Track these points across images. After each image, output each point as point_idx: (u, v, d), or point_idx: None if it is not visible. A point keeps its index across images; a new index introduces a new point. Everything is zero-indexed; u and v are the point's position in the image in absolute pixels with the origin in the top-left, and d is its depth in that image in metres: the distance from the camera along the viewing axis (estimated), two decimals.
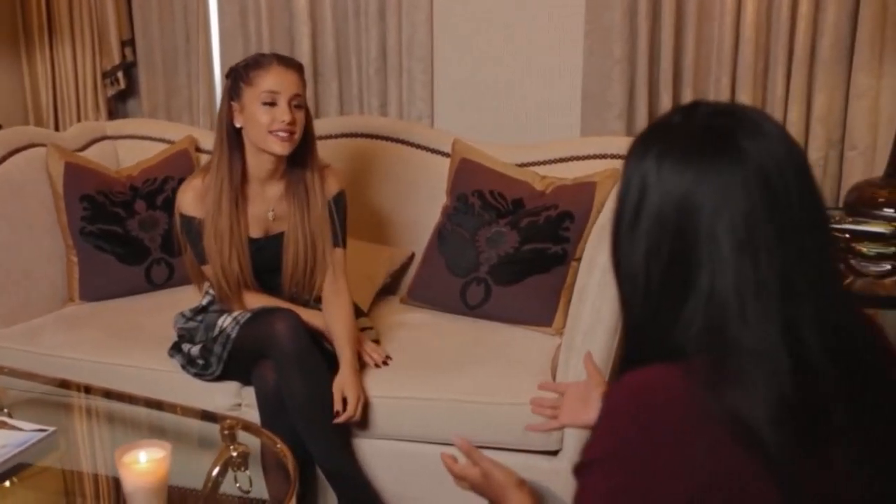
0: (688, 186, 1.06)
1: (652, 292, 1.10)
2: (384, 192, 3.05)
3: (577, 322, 2.26)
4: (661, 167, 1.08)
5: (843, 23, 2.85)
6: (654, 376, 1.06)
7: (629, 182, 1.12)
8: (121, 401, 2.31)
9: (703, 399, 1.01)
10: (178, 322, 2.61)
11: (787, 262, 1.05)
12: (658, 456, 1.01)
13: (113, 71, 3.79)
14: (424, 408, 2.34)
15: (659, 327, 1.09)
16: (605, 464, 1.06)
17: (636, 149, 1.14)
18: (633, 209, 1.11)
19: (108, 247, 2.91)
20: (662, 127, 1.14)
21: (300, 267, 2.51)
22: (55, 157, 2.92)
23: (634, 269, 1.11)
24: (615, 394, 1.09)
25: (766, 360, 1.02)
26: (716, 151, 1.07)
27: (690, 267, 1.06)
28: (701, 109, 1.13)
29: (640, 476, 1.03)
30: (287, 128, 2.38)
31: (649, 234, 1.09)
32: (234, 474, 2.00)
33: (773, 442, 1.00)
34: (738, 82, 2.98)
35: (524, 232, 2.65)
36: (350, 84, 3.49)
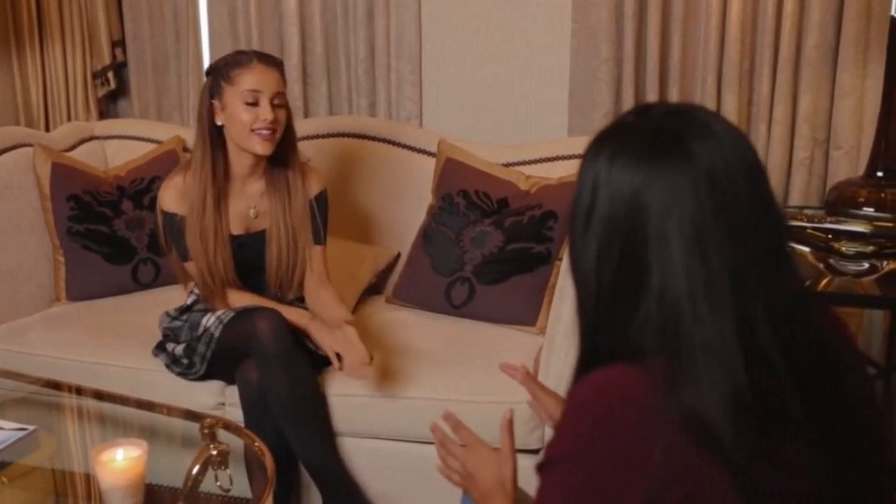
0: (637, 187, 1.07)
1: (604, 293, 1.10)
2: (371, 191, 3.05)
3: (557, 322, 2.27)
4: (613, 167, 1.09)
5: (828, 23, 2.85)
6: (613, 376, 1.06)
7: (583, 182, 1.12)
8: (105, 400, 2.32)
9: (659, 398, 1.02)
10: (162, 321, 2.62)
11: (737, 261, 1.05)
12: (616, 455, 1.02)
13: (103, 71, 3.79)
14: (409, 407, 2.35)
15: (613, 328, 1.10)
16: (566, 462, 1.06)
17: (591, 149, 1.14)
18: (586, 210, 1.11)
19: (94, 246, 2.92)
20: (616, 127, 1.14)
21: (283, 263, 2.52)
22: (42, 157, 2.93)
23: (587, 270, 1.12)
24: (577, 393, 1.09)
25: (720, 358, 1.03)
26: (665, 152, 1.07)
27: (641, 267, 1.07)
28: (654, 110, 1.13)
29: (599, 475, 1.03)
30: (269, 126, 2.39)
31: (600, 234, 1.10)
32: (215, 473, 2.00)
33: (729, 439, 1.01)
34: (724, 82, 2.98)
35: (508, 231, 2.66)
36: (339, 84, 3.49)
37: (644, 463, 1.00)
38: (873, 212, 2.49)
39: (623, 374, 1.06)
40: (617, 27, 3.05)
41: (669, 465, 1.00)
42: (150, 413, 2.25)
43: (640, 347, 1.06)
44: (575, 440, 1.06)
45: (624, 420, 1.03)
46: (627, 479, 1.01)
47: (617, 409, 1.04)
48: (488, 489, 1.46)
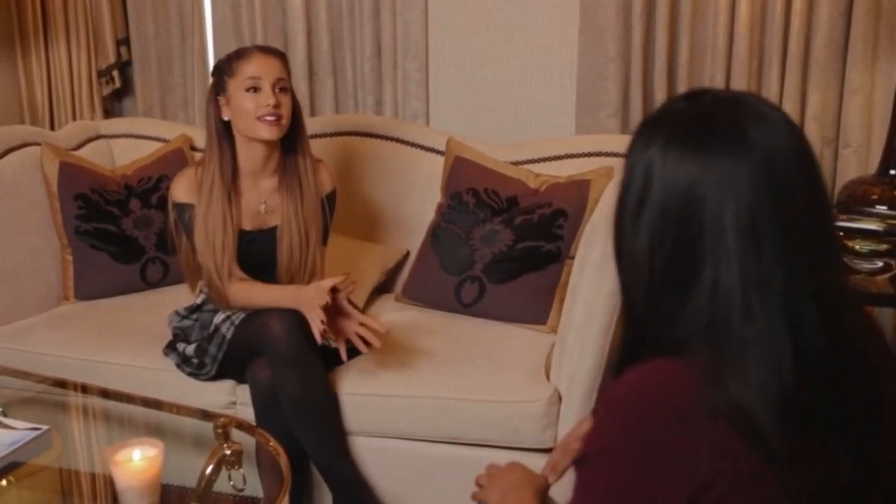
0: (693, 176, 1.04)
1: (654, 284, 1.08)
2: (378, 190, 3.05)
3: (569, 320, 2.27)
4: (666, 156, 1.06)
5: (837, 20, 2.84)
6: (655, 370, 1.05)
7: (633, 170, 1.10)
8: (115, 399, 2.32)
9: (705, 393, 1.01)
10: (172, 321, 2.61)
11: (790, 255, 1.03)
12: (659, 450, 1.01)
13: (108, 70, 3.79)
14: (419, 406, 2.34)
15: (660, 319, 1.08)
16: (604, 458, 1.05)
17: (640, 136, 1.11)
18: (637, 198, 1.09)
19: (102, 245, 2.91)
20: (667, 114, 1.12)
21: (295, 259, 2.51)
22: (49, 156, 2.92)
23: (637, 259, 1.10)
24: (617, 388, 1.08)
25: (770, 354, 1.01)
26: (721, 141, 1.05)
27: (694, 259, 1.05)
28: (706, 97, 1.11)
29: (640, 471, 1.02)
30: (273, 111, 2.39)
31: (653, 224, 1.07)
32: (228, 472, 1.99)
33: (774, 435, 1.00)
34: (733, 80, 2.97)
35: (518, 230, 2.65)
36: (345, 82, 3.49)
37: (689, 458, 0.99)
38: (887, 210, 2.49)
39: (666, 369, 1.05)
40: (625, 26, 3.04)
41: (715, 460, 0.99)
42: (161, 412, 2.25)
43: (685, 339, 1.05)
44: (616, 435, 1.05)
45: (667, 416, 1.02)
46: (671, 474, 1.00)
47: (660, 404, 1.03)
48: (514, 481, 1.45)
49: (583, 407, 2.23)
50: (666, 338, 1.07)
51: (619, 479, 1.03)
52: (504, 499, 1.42)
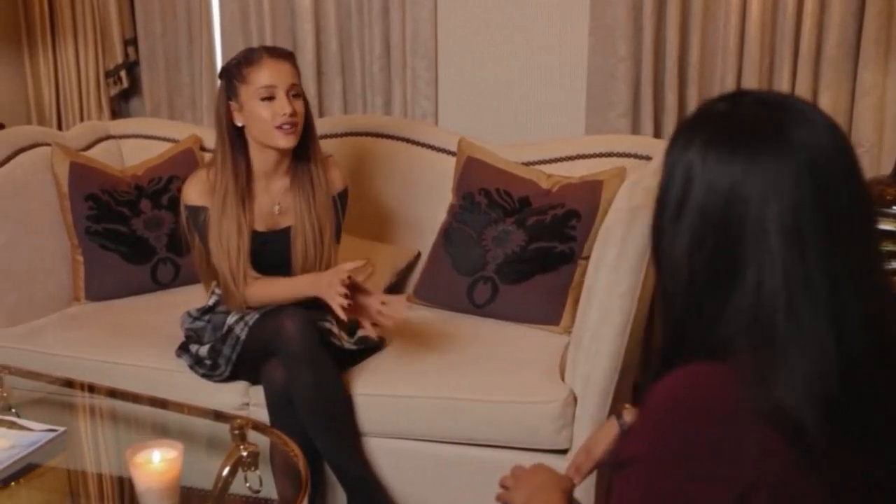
0: (735, 178, 1.04)
1: (696, 286, 1.08)
2: (389, 190, 3.04)
3: (584, 321, 2.26)
4: (707, 157, 1.06)
5: (849, 21, 2.84)
6: (695, 374, 1.04)
7: (672, 172, 1.09)
8: (127, 400, 2.31)
9: (747, 395, 1.00)
10: (184, 322, 2.61)
11: (834, 256, 1.03)
12: (699, 455, 1.00)
13: (116, 70, 3.78)
14: (434, 406, 2.34)
15: (702, 322, 1.07)
16: (644, 464, 1.04)
17: (679, 138, 1.11)
18: (677, 200, 1.08)
19: (113, 246, 2.91)
20: (707, 116, 1.11)
21: (310, 258, 2.50)
22: (60, 156, 2.92)
23: (677, 262, 1.09)
24: (656, 393, 1.07)
25: (814, 356, 1.01)
26: (764, 142, 1.04)
27: (737, 261, 1.04)
28: (747, 98, 1.10)
29: (679, 477, 1.01)
30: (290, 119, 2.39)
31: (694, 226, 1.07)
32: (245, 474, 1.99)
33: (818, 436, 0.99)
34: (744, 81, 2.97)
35: (531, 231, 2.65)
36: (353, 82, 3.48)
37: (732, 461, 0.99)
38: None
39: (706, 372, 1.04)
40: (635, 25, 3.03)
41: (759, 462, 0.98)
42: (176, 414, 2.24)
43: (727, 342, 1.04)
44: (655, 441, 1.04)
45: (708, 419, 1.01)
46: (713, 478, 0.99)
47: (700, 407, 1.02)
48: (541, 483, 1.44)
49: (598, 408, 2.22)
50: (706, 340, 1.06)
51: (657, 486, 1.02)
52: (531, 500, 1.42)
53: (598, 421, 2.23)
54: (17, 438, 1.98)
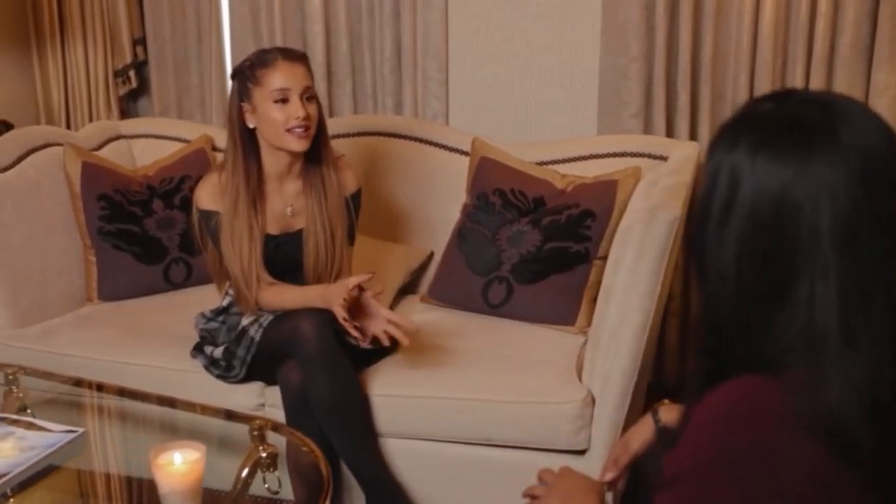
0: (786, 181, 1.00)
1: (744, 295, 1.04)
2: (401, 190, 3.04)
3: (602, 322, 2.26)
4: (756, 160, 1.02)
5: (863, 21, 2.82)
6: (746, 389, 1.01)
7: (716, 175, 1.06)
8: (142, 401, 2.30)
9: (799, 410, 0.97)
10: (198, 323, 2.60)
11: (889, 263, 0.99)
12: (752, 473, 0.97)
13: (125, 70, 3.77)
14: (451, 407, 2.34)
15: (750, 334, 1.03)
16: (693, 481, 1.02)
17: (722, 139, 1.07)
18: (723, 204, 1.04)
19: (125, 246, 2.91)
20: (753, 116, 1.07)
21: (322, 260, 2.50)
22: (72, 156, 2.91)
23: (724, 269, 1.05)
24: (705, 408, 1.03)
25: (867, 367, 0.98)
26: (814, 143, 1.01)
27: (788, 270, 1.00)
28: (795, 97, 1.07)
29: (732, 495, 0.99)
30: (303, 123, 2.38)
31: (742, 232, 1.03)
32: (263, 475, 1.98)
33: (872, 451, 0.97)
34: (757, 80, 2.96)
35: (546, 231, 2.64)
36: (364, 83, 3.47)
37: (784, 479, 0.97)
38: None
39: (755, 387, 1.01)
40: (647, 25, 3.02)
41: (811, 479, 0.96)
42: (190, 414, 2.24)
43: (776, 355, 1.01)
44: (702, 458, 1.01)
45: (759, 437, 0.98)
46: (763, 492, 0.97)
47: (750, 422, 0.99)
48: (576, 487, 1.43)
49: (617, 409, 2.22)
50: (754, 353, 1.03)
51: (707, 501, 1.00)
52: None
53: (616, 422, 2.23)
54: (36, 439, 1.96)
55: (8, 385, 2.26)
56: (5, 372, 2.27)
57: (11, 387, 2.25)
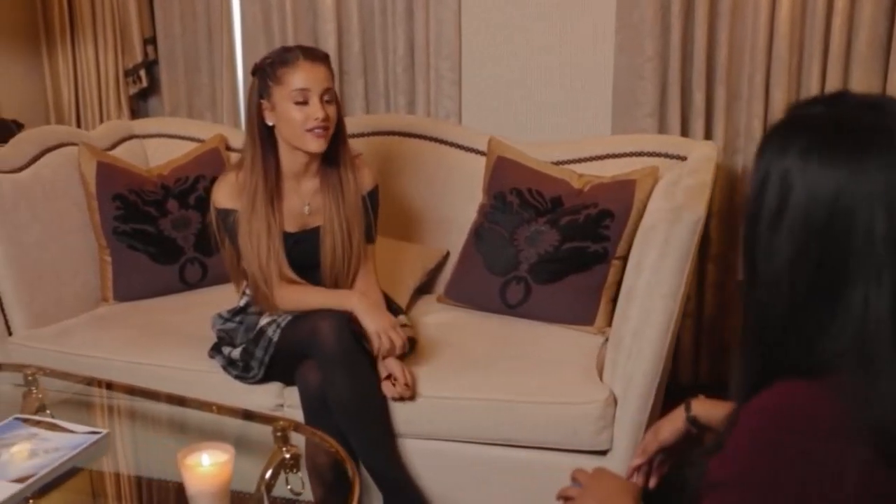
0: (839, 185, 0.99)
1: (796, 300, 1.03)
2: (416, 190, 3.03)
3: (624, 322, 2.25)
4: (808, 163, 1.02)
5: (880, 19, 2.82)
6: (795, 395, 1.01)
7: (766, 179, 1.05)
8: (161, 402, 2.29)
9: (849, 416, 0.96)
10: (216, 323, 2.60)
11: None
12: (801, 478, 0.97)
13: (135, 69, 3.76)
14: (471, 408, 2.33)
15: (801, 339, 1.03)
16: (741, 487, 1.01)
17: (772, 143, 1.07)
18: (774, 208, 1.04)
19: (141, 246, 2.90)
20: (803, 119, 1.07)
21: (339, 258, 2.50)
22: (87, 156, 2.90)
23: (776, 274, 1.04)
24: (753, 413, 1.03)
25: None
26: (868, 146, 1.00)
27: (842, 275, 1.00)
28: (846, 100, 1.06)
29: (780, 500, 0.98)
30: (322, 124, 2.37)
31: (795, 235, 1.02)
32: (286, 476, 1.97)
33: None
34: (773, 79, 2.96)
35: (564, 230, 2.64)
36: (376, 82, 3.46)
37: (833, 484, 0.96)
38: None
39: (805, 393, 1.00)
40: (662, 24, 3.02)
41: (860, 484, 0.96)
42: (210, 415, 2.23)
43: (827, 361, 1.00)
44: (754, 462, 1.01)
45: (807, 438, 0.98)
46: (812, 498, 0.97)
47: (799, 428, 0.99)
48: (613, 489, 1.43)
49: (640, 409, 2.22)
50: (804, 358, 1.02)
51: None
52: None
53: (639, 422, 2.22)
54: (60, 441, 1.95)
55: (27, 386, 2.25)
56: (24, 373, 2.26)
57: (31, 387, 2.24)
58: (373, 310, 2.35)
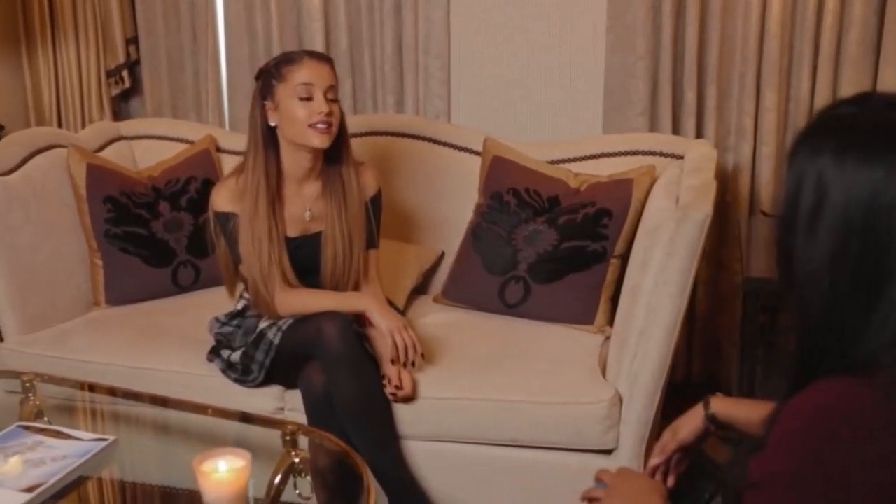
0: (876, 183, 1.01)
1: (837, 298, 1.05)
2: (410, 190, 3.01)
3: (629, 321, 2.26)
4: (843, 163, 1.03)
5: (870, 18, 2.85)
6: (838, 390, 1.01)
7: (801, 179, 1.07)
8: (160, 406, 2.27)
9: (894, 414, 0.97)
10: (213, 327, 2.57)
11: None
12: (846, 475, 0.98)
13: (117, 69, 3.71)
14: (475, 408, 2.32)
15: (842, 336, 1.04)
16: (785, 485, 1.02)
17: (804, 145, 1.08)
18: (811, 209, 1.06)
19: (133, 249, 2.86)
20: (835, 120, 1.08)
21: (339, 264, 2.48)
22: (77, 158, 2.86)
23: (816, 273, 1.06)
24: (795, 410, 1.04)
25: None
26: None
27: (881, 270, 1.01)
28: (875, 100, 1.08)
29: (824, 498, 0.99)
30: (326, 119, 2.36)
31: (835, 235, 1.04)
32: (294, 481, 1.96)
33: None
34: (763, 78, 2.98)
35: (563, 230, 2.64)
36: (364, 82, 3.44)
37: (879, 481, 0.96)
38: None
39: (849, 390, 1.01)
40: (654, 24, 3.03)
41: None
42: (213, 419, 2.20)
43: (869, 356, 1.01)
44: (797, 460, 1.01)
45: (853, 439, 0.98)
46: (857, 496, 0.97)
47: (844, 425, 0.99)
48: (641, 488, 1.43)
49: (646, 408, 2.22)
50: (846, 355, 1.03)
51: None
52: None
53: (645, 421, 2.23)
54: (67, 448, 1.93)
55: (25, 392, 2.21)
56: (22, 379, 2.22)
57: (28, 394, 2.21)
58: (385, 310, 2.37)
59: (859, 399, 1.00)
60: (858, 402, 1.00)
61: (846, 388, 1.01)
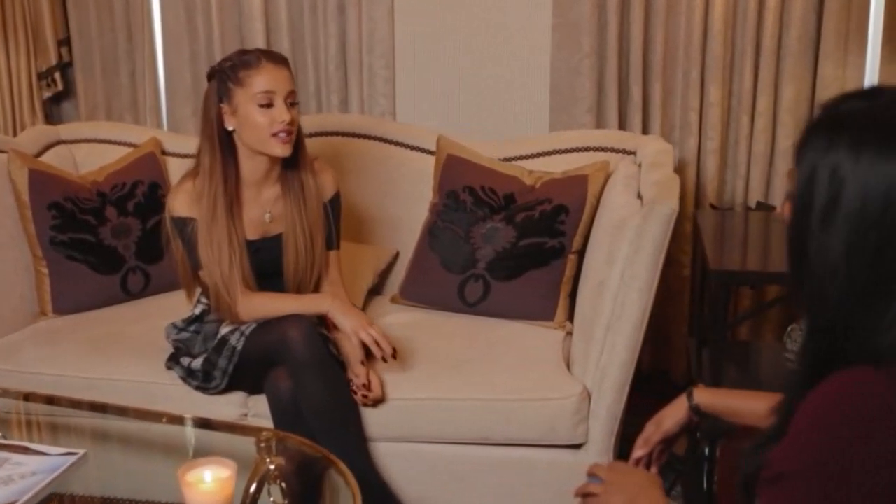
0: (893, 177, 1.02)
1: (855, 291, 1.06)
2: (363, 190, 2.99)
3: (596, 315, 2.28)
4: (859, 157, 1.04)
5: (810, 16, 2.94)
6: (860, 382, 1.02)
7: (814, 174, 1.07)
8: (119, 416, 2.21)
9: None
10: (170, 333, 2.51)
11: None
12: (869, 469, 0.98)
13: (49, 72, 3.61)
14: (445, 408, 2.32)
15: (861, 328, 1.05)
16: (800, 480, 1.02)
17: (815, 140, 1.09)
18: (826, 204, 1.06)
19: (80, 256, 2.77)
20: (847, 115, 1.09)
21: (302, 263, 2.45)
22: (18, 163, 2.76)
23: (831, 267, 1.06)
24: (814, 403, 1.04)
25: None
26: None
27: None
28: (885, 95, 1.09)
29: (842, 494, 0.99)
30: (287, 128, 2.33)
31: (851, 229, 1.05)
32: (268, 488, 1.93)
33: None
34: (707, 75, 3.04)
35: (520, 227, 2.65)
36: (307, 82, 3.41)
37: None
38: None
39: (866, 381, 1.02)
40: (599, 22, 3.07)
41: None
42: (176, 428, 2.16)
43: (888, 346, 1.02)
44: (813, 455, 1.02)
45: (874, 432, 0.99)
46: (882, 493, 0.98)
47: (864, 420, 1.00)
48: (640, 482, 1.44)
49: (615, 401, 2.25)
50: (865, 347, 1.04)
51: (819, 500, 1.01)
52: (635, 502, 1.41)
53: (615, 414, 2.26)
54: (35, 464, 1.86)
55: None
56: None
57: None
58: (347, 309, 2.34)
59: (877, 393, 1.01)
60: (880, 393, 1.01)
61: (867, 379, 1.02)
